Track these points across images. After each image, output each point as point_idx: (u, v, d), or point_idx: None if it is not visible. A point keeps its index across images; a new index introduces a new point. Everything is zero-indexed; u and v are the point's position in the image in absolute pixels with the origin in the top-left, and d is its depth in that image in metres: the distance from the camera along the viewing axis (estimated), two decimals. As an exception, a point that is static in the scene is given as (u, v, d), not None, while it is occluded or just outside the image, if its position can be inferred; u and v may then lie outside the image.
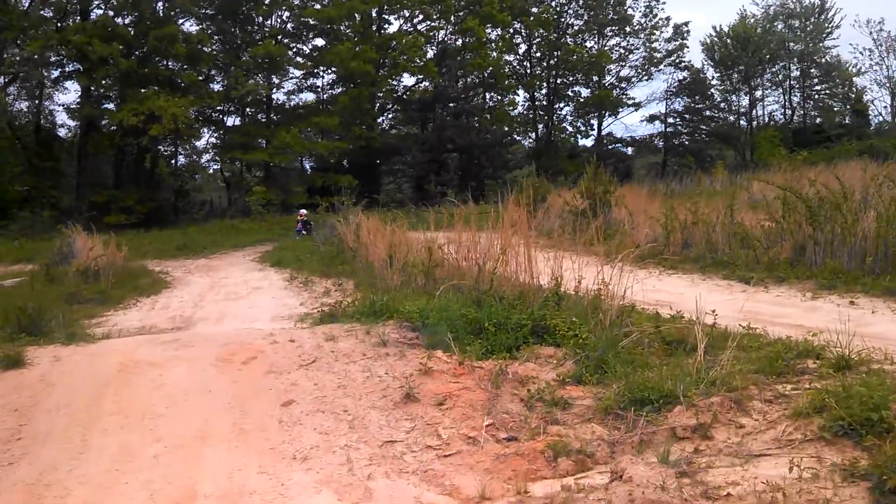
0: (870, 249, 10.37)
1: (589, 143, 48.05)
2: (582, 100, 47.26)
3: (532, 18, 44.47)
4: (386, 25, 43.07)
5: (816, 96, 47.78)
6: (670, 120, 48.02)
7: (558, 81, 47.03)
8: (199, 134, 38.80)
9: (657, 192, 27.53)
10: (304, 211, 27.40)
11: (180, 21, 37.39)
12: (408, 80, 44.13)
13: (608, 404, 5.73)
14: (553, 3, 46.27)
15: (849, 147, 36.18)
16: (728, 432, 5.19)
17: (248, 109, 40.79)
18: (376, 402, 6.03)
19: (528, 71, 47.49)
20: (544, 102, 47.58)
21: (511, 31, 45.47)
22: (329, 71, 41.27)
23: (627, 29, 46.44)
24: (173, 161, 38.80)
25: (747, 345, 7.00)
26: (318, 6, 39.00)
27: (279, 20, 40.71)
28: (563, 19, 46.54)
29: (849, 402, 4.88)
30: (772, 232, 12.76)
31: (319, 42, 41.73)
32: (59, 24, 35.05)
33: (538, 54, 47.34)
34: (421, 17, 42.94)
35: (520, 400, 6.01)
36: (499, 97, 45.38)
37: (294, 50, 41.42)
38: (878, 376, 5.58)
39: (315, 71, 41.69)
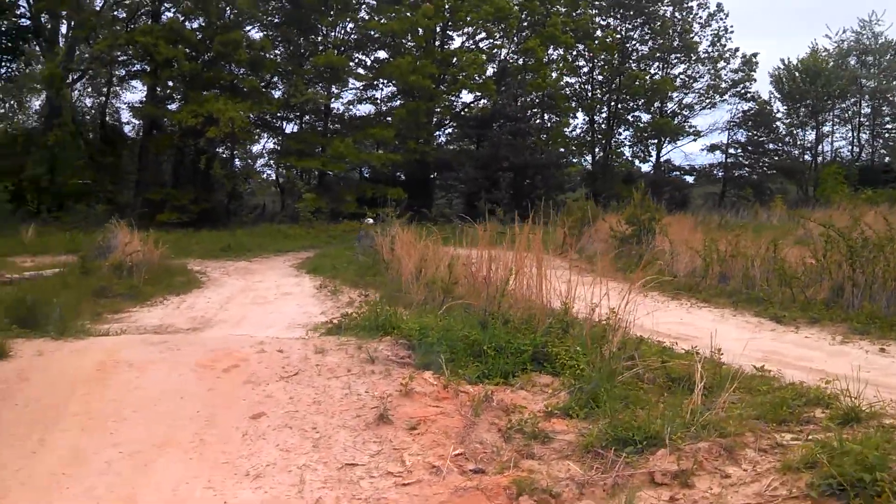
0: (910, 295, 9.79)
1: (646, 168, 47.34)
2: (642, 125, 46.56)
3: (596, 43, 43.99)
4: (449, 41, 42.99)
5: (887, 135, 46.30)
6: (731, 151, 46.97)
7: (619, 106, 46.40)
8: (255, 138, 39.14)
9: (709, 223, 26.89)
10: (370, 220, 26.44)
11: (246, 28, 37.80)
12: (466, 96, 44.07)
13: (590, 441, 5.35)
14: (618, 28, 45.81)
15: (916, 189, 34.96)
16: (711, 481, 4.78)
17: (306, 117, 41.05)
18: (348, 421, 5.75)
19: (590, 94, 46.97)
20: (603, 126, 46.99)
21: (574, 52, 45.07)
22: (388, 83, 41.34)
23: (693, 57, 45.63)
24: (229, 164, 39.18)
25: (755, 387, 6.57)
26: (383, 19, 38.96)
27: (343, 31, 40.88)
28: (627, 45, 45.96)
29: (843, 459, 4.46)
30: (812, 270, 12.17)
31: (382, 55, 41.90)
32: (129, 25, 35.72)
33: (600, 77, 46.83)
34: (483, 34, 42.75)
35: (497, 430, 5.66)
36: (557, 118, 44.91)
37: (356, 61, 41.55)
38: (886, 433, 5.12)
39: (375, 83, 41.78)
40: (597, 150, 47.10)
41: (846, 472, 4.32)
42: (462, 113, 44.53)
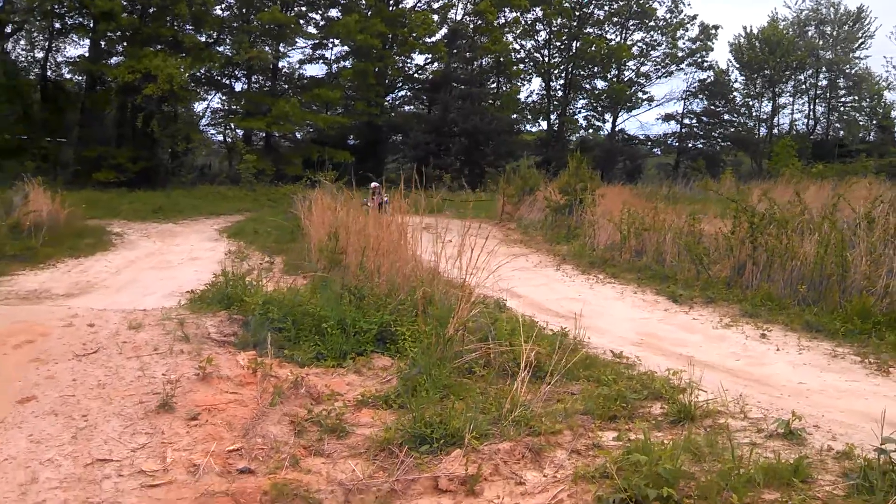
0: (806, 276, 9.24)
1: (601, 137, 46.59)
2: (597, 93, 45.80)
3: (552, 7, 43.01)
4: (402, 1, 41.78)
5: (842, 108, 45.94)
6: (686, 121, 46.34)
7: (575, 72, 45.53)
8: (196, 96, 37.85)
9: (655, 195, 26.40)
10: (375, 184, 23.30)
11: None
12: (418, 58, 43.05)
13: (388, 437, 4.75)
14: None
15: (867, 163, 34.68)
16: (502, 489, 4.21)
17: (254, 76, 39.84)
18: (126, 409, 5.07)
19: (546, 59, 46.07)
20: (560, 93, 46.17)
21: (531, 17, 44.12)
22: (338, 43, 40.18)
23: (651, 23, 44.80)
24: (171, 122, 37.95)
25: (602, 377, 6.01)
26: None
27: (293, -14, 39.48)
28: (585, 9, 44.97)
29: (636, 470, 3.90)
30: (722, 247, 11.63)
31: (334, 13, 40.53)
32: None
33: (558, 43, 45.86)
34: (436, -7, 41.63)
35: (290, 422, 5.03)
36: (509, 84, 44.03)
37: (307, 19, 40.22)
38: (711, 435, 4.60)
39: (324, 42, 40.58)
40: (552, 117, 46.35)
41: (636, 485, 3.77)
42: (415, 75, 43.54)
